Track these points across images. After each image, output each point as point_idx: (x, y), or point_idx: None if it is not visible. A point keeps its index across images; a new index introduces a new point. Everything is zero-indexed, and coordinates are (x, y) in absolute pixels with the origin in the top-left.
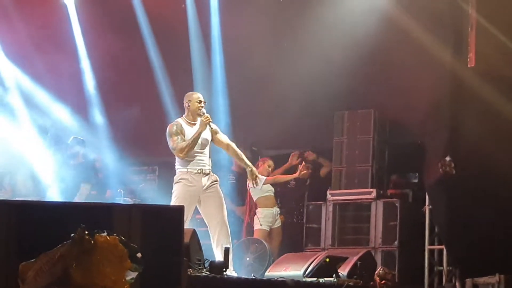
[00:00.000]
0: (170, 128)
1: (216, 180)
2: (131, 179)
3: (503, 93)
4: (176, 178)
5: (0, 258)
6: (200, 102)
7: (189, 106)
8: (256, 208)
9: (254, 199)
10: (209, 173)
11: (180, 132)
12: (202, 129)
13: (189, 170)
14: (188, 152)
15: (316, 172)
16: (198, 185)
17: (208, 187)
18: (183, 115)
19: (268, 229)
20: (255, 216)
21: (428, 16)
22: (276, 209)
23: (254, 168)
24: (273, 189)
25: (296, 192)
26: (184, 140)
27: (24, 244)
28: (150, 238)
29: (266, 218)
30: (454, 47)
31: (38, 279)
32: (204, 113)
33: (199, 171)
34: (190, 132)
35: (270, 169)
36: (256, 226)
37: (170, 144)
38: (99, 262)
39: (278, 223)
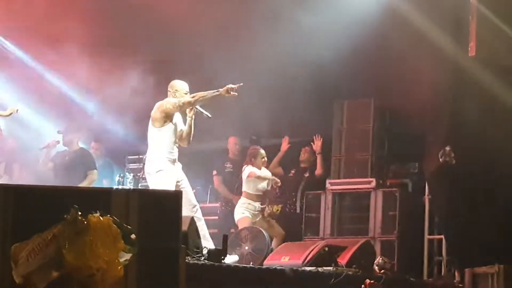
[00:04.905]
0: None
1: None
2: (129, 168)
3: (504, 82)
4: (156, 167)
5: None
6: (186, 93)
7: (175, 95)
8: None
9: (244, 189)
10: (177, 162)
11: None
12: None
13: (168, 159)
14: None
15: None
16: (175, 174)
17: (180, 175)
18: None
19: (251, 217)
20: (237, 206)
21: (429, 5)
22: (259, 204)
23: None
24: (265, 189)
25: (294, 181)
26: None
27: (21, 227)
28: (148, 223)
29: (248, 208)
30: (455, 35)
31: (31, 260)
32: None
33: (174, 160)
34: (175, 119)
35: (263, 160)
36: (238, 215)
37: (174, 101)
38: (92, 243)
39: (259, 216)
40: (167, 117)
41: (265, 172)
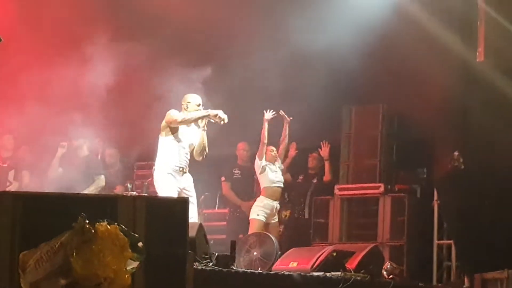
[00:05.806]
0: (174, 111)
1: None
2: (137, 174)
3: None
4: (158, 176)
5: (5, 248)
6: (199, 105)
7: (187, 108)
8: (258, 196)
9: (261, 187)
10: (186, 172)
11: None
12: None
13: (174, 168)
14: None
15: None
16: (179, 184)
17: (187, 186)
18: None
19: (264, 220)
20: (253, 205)
21: (439, 9)
22: (277, 204)
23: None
24: (282, 182)
25: (302, 187)
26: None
27: (29, 235)
28: (155, 229)
29: (265, 208)
30: (464, 40)
31: (39, 268)
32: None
33: (181, 169)
34: (183, 129)
35: (273, 153)
36: (252, 215)
37: (171, 116)
38: (100, 251)
39: (275, 219)
40: (170, 127)
41: (277, 167)
